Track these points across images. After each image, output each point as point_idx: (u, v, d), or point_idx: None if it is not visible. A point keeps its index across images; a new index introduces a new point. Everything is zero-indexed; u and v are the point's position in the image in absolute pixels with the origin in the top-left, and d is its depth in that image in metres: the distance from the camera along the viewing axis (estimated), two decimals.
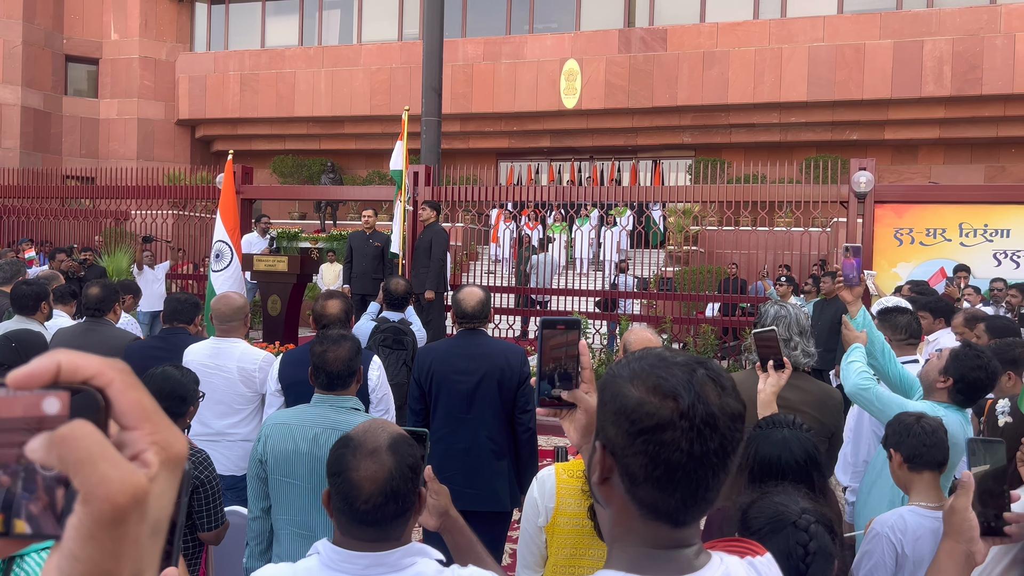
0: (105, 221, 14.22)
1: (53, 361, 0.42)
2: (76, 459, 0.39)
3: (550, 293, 10.74)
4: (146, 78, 21.22)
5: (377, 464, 1.58)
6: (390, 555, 1.58)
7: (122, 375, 0.43)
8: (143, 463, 0.42)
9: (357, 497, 1.56)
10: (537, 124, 18.91)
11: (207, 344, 3.92)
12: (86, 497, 0.39)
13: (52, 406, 0.41)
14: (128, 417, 0.43)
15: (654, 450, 0.96)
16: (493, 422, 3.69)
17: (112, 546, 0.40)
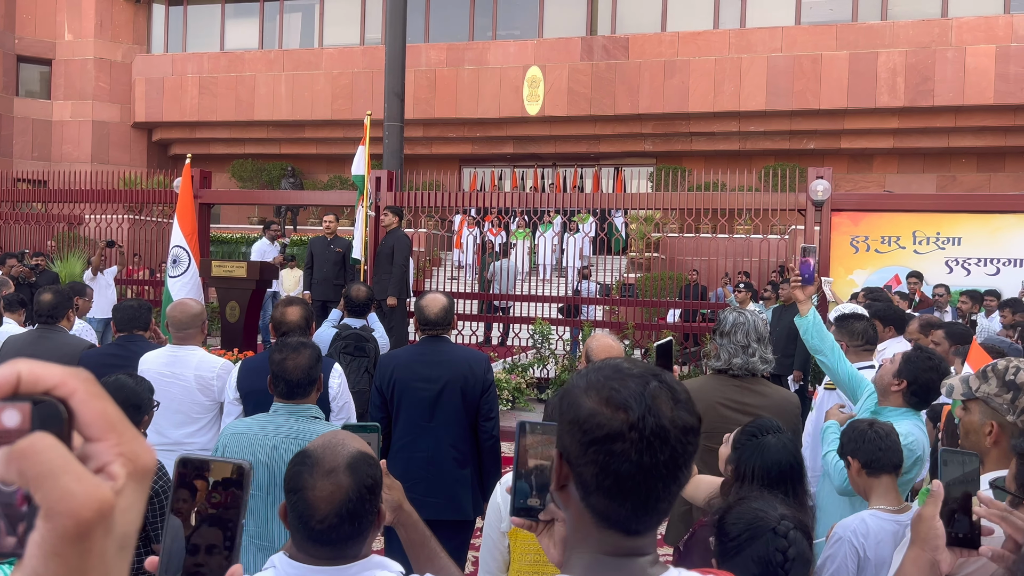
0: (58, 225, 13.88)
1: (12, 371, 0.40)
2: (37, 473, 0.38)
3: (513, 299, 10.75)
4: (101, 80, 20.79)
5: (334, 485, 1.54)
6: (347, 569, 1.56)
7: (86, 384, 0.41)
8: (109, 476, 0.40)
9: (312, 516, 1.53)
10: (500, 130, 18.94)
11: (163, 352, 3.84)
12: (48, 512, 0.38)
13: (11, 418, 0.39)
14: (93, 428, 0.41)
15: (604, 460, 0.97)
16: (456, 430, 3.67)
17: (77, 562, 0.38)
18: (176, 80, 20.47)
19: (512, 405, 8.54)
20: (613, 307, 10.84)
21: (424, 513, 3.53)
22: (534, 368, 9.30)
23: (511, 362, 9.46)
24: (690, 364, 9.54)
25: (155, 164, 20.67)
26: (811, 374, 7.79)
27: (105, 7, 20.82)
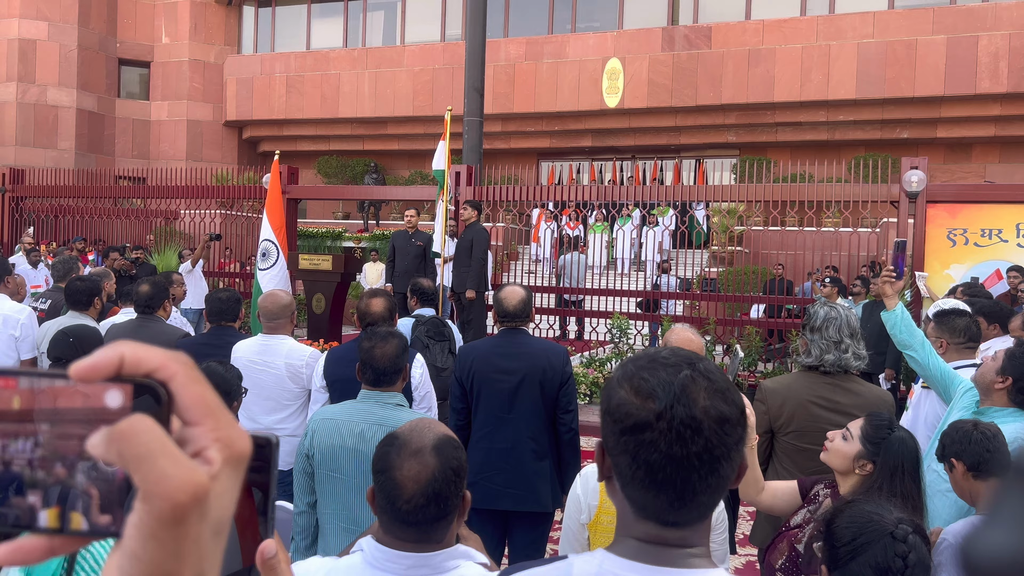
0: (156, 220, 14.55)
1: (116, 353, 0.40)
2: (135, 455, 0.38)
3: (590, 293, 10.69)
4: (195, 80, 21.67)
5: (420, 464, 1.57)
6: (434, 556, 1.57)
7: (185, 368, 0.42)
8: (205, 460, 0.41)
9: (399, 496, 1.56)
10: (579, 124, 18.86)
11: (255, 341, 3.98)
12: (146, 495, 0.38)
13: (114, 399, 0.40)
14: (191, 412, 0.41)
15: (635, 450, 0.97)
16: (535, 422, 3.68)
17: (173, 545, 0.39)
18: (265, 79, 21.15)
19: (589, 400, 8.51)
20: (694, 302, 10.66)
21: (503, 503, 3.60)
22: (612, 363, 9.24)
23: (588, 356, 9.42)
24: (775, 361, 9.30)
25: (245, 161, 21.42)
26: (903, 372, 7.48)
27: (199, 10, 21.67)
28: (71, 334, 2.79)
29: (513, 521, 3.68)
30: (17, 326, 4.68)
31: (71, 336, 2.78)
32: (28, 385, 0.40)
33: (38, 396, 0.40)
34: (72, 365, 0.40)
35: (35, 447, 0.40)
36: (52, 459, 0.40)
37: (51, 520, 0.40)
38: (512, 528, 3.70)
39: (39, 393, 0.40)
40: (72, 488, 0.40)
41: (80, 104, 20.61)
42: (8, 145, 20.20)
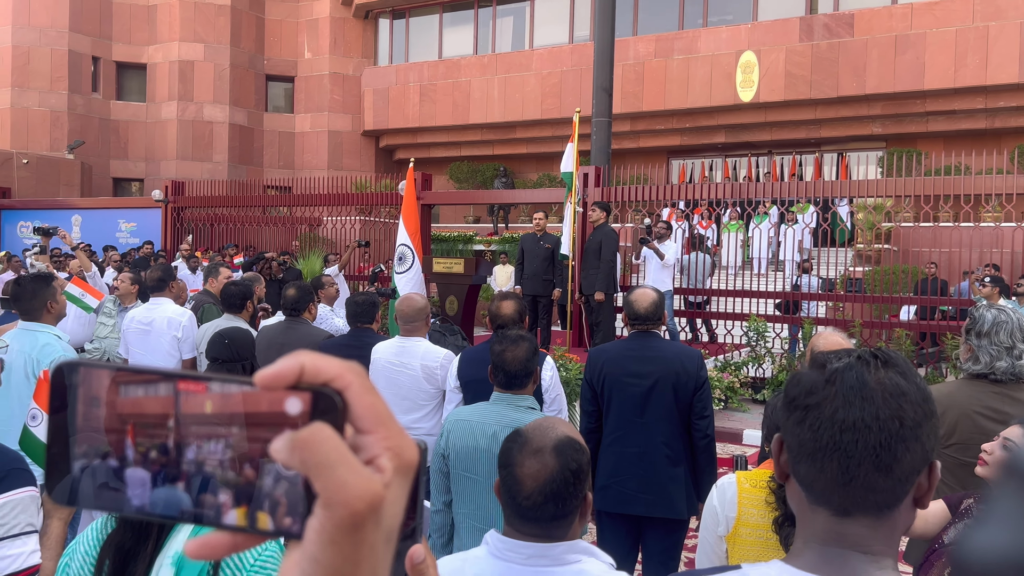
0: (300, 227, 15.36)
1: (297, 363, 0.42)
2: (317, 463, 0.40)
3: (723, 295, 10.37)
4: (335, 93, 22.74)
5: (540, 464, 1.60)
6: (554, 548, 1.59)
7: (360, 379, 0.43)
8: (377, 468, 0.42)
9: (519, 492, 1.59)
10: (711, 120, 18.38)
11: (392, 343, 4.12)
12: (327, 502, 0.40)
13: (294, 406, 0.42)
14: (364, 421, 0.43)
15: (800, 417, 0.95)
16: (667, 427, 3.60)
17: (351, 551, 0.40)
18: (399, 89, 21.90)
19: (724, 405, 8.25)
20: (838, 303, 10.13)
21: (635, 509, 3.54)
22: (748, 367, 8.93)
23: (723, 360, 9.15)
24: (927, 366, 8.69)
25: (382, 169, 22.27)
26: None
27: (338, 25, 22.74)
28: (226, 336, 2.99)
29: (646, 527, 3.62)
30: (179, 328, 5.07)
31: (226, 338, 2.99)
32: (219, 390, 0.43)
33: (228, 401, 0.42)
34: (257, 373, 0.42)
35: (225, 448, 0.42)
36: (241, 460, 0.42)
37: (239, 519, 0.42)
38: (645, 534, 3.64)
39: (229, 398, 0.42)
40: (259, 489, 0.42)
41: (232, 119, 22.09)
42: (170, 159, 21.92)
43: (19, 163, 18.85)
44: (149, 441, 0.43)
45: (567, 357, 6.96)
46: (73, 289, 5.75)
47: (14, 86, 20.85)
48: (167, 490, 0.43)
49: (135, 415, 0.43)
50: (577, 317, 9.83)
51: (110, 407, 0.43)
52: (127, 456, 0.43)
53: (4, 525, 1.74)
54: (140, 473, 0.43)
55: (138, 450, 0.43)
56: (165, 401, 0.43)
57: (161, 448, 0.43)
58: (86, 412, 0.43)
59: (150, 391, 0.43)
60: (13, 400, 3.49)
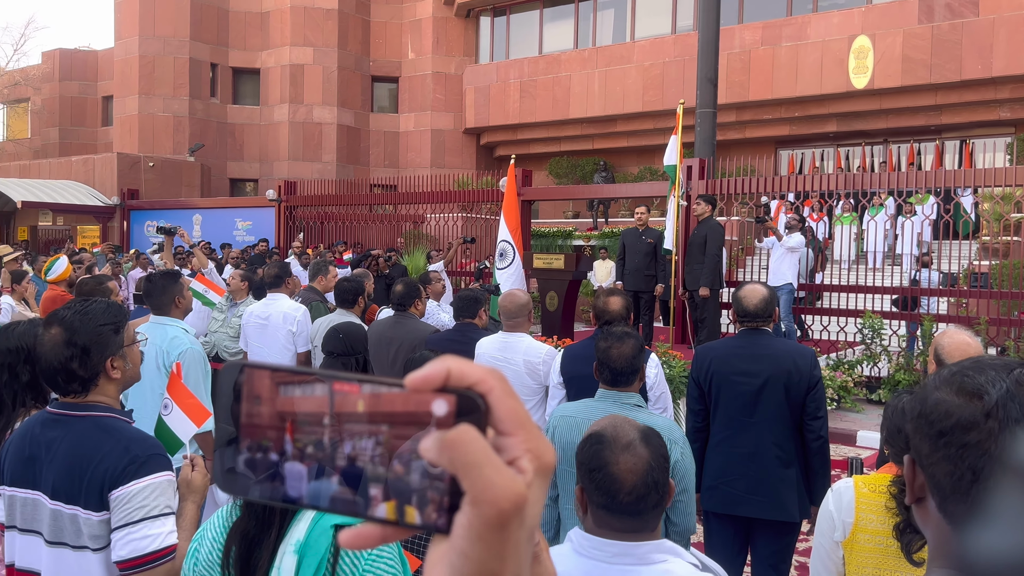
0: (405, 224, 15.74)
1: (443, 367, 0.45)
2: (465, 462, 0.42)
3: (839, 290, 9.97)
4: (438, 92, 23.16)
5: (635, 457, 1.62)
6: (639, 547, 1.59)
7: (501, 384, 0.45)
8: (519, 469, 0.44)
9: (620, 490, 1.60)
10: (822, 108, 17.68)
11: (496, 338, 4.17)
12: (475, 500, 0.42)
13: (441, 408, 0.44)
14: (505, 424, 0.45)
15: (956, 454, 0.87)
16: (779, 427, 3.50)
17: (498, 548, 0.42)
18: (500, 86, 22.07)
19: (837, 405, 7.94)
20: (961, 299, 9.57)
21: (744, 510, 3.46)
22: (862, 365, 8.56)
23: (836, 358, 8.80)
24: None
25: (483, 166, 22.53)
26: None
27: (440, 25, 23.13)
28: (341, 331, 3.11)
29: (756, 529, 3.53)
30: (294, 323, 5.29)
31: (340, 332, 3.10)
32: (371, 391, 0.45)
33: (379, 401, 0.45)
34: (407, 376, 0.45)
35: (376, 446, 0.45)
36: (390, 457, 0.45)
37: (389, 512, 0.45)
38: (755, 536, 3.55)
39: (380, 398, 0.45)
40: (407, 485, 0.45)
41: (340, 120, 22.83)
42: (282, 160, 22.87)
43: (146, 166, 20.11)
44: (306, 437, 0.46)
45: (670, 354, 6.86)
46: (197, 285, 6.07)
47: (141, 93, 22.25)
48: (322, 483, 0.46)
49: (293, 412, 0.46)
50: (680, 313, 9.67)
51: (270, 405, 0.46)
52: (286, 451, 0.46)
53: (145, 507, 1.86)
54: (297, 467, 0.46)
55: (296, 445, 0.46)
56: (321, 400, 0.46)
57: (317, 444, 0.46)
58: (249, 409, 0.47)
59: (307, 391, 0.46)
60: (146, 390, 3.73)
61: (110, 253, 13.12)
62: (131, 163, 19.92)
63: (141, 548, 1.85)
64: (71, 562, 1.92)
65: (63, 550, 1.92)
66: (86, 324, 1.98)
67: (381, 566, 1.58)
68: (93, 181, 19.88)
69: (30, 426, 2.02)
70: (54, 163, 21.48)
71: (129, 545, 1.85)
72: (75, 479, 1.89)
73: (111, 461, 1.88)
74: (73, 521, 1.90)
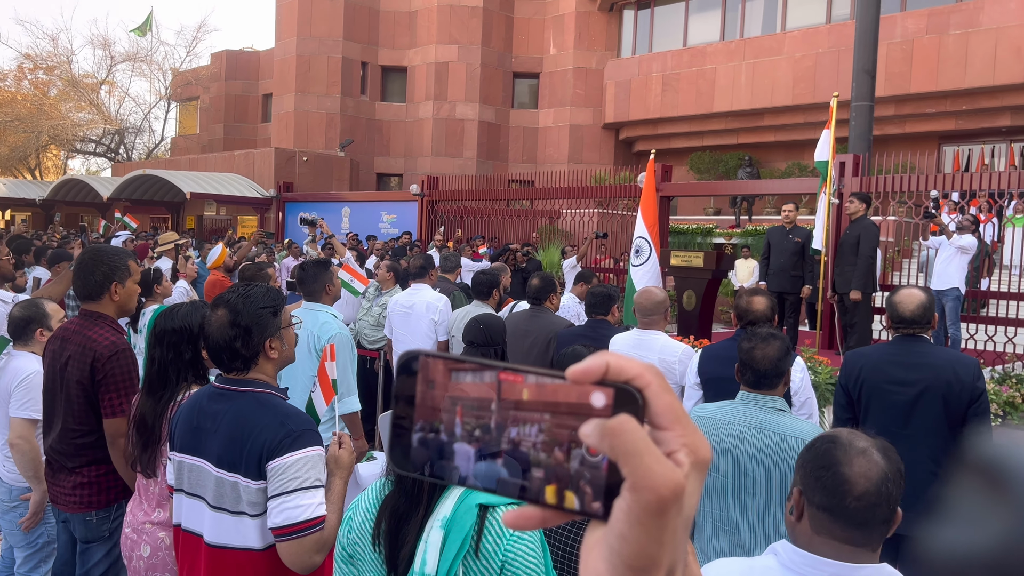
0: (540, 219, 15.85)
1: (603, 361, 0.46)
2: (625, 450, 0.43)
3: (1009, 298, 9.18)
4: (578, 87, 23.15)
5: (870, 462, 1.51)
6: (859, 570, 1.48)
7: (658, 379, 0.47)
8: (676, 462, 0.45)
9: (848, 493, 1.50)
10: (993, 100, 16.30)
11: (630, 335, 4.13)
12: (634, 486, 0.43)
13: (599, 400, 0.46)
14: (662, 418, 0.46)
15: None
16: (935, 441, 3.27)
17: (657, 533, 0.43)
18: (641, 80, 21.78)
19: (1001, 421, 7.31)
20: None
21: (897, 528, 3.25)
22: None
23: (1002, 371, 8.11)
24: None
25: (620, 161, 22.33)
26: None
27: (583, 19, 23.10)
28: (481, 321, 3.17)
29: (906, 547, 3.32)
30: (436, 312, 5.46)
31: (481, 323, 3.17)
32: (534, 381, 0.48)
33: (542, 391, 0.47)
34: (569, 369, 0.46)
35: (539, 432, 0.47)
36: (552, 444, 0.47)
37: (550, 496, 0.47)
38: (903, 557, 3.33)
39: (543, 388, 0.47)
40: (567, 470, 0.46)
41: (481, 116, 23.28)
42: (426, 155, 23.60)
43: (300, 161, 21.29)
44: (475, 421, 0.49)
45: (816, 360, 6.55)
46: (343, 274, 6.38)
47: (297, 91, 23.57)
48: (488, 464, 0.48)
49: (464, 398, 0.49)
50: (828, 317, 9.21)
51: (443, 389, 0.50)
52: (455, 432, 0.49)
53: (298, 478, 1.98)
54: (466, 448, 0.49)
55: (465, 428, 0.49)
56: (489, 387, 0.48)
57: (484, 428, 0.48)
58: (424, 393, 0.50)
59: (477, 378, 0.49)
60: (297, 371, 3.95)
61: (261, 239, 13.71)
62: (287, 158, 21.16)
63: (294, 516, 1.97)
64: (229, 526, 2.07)
65: (223, 515, 2.07)
66: (248, 306, 2.12)
67: (522, 548, 1.61)
68: (253, 174, 21.26)
69: (198, 399, 2.19)
70: (219, 157, 23.14)
71: (284, 513, 1.97)
72: (237, 449, 2.03)
73: (269, 434, 2.01)
74: (234, 488, 2.05)
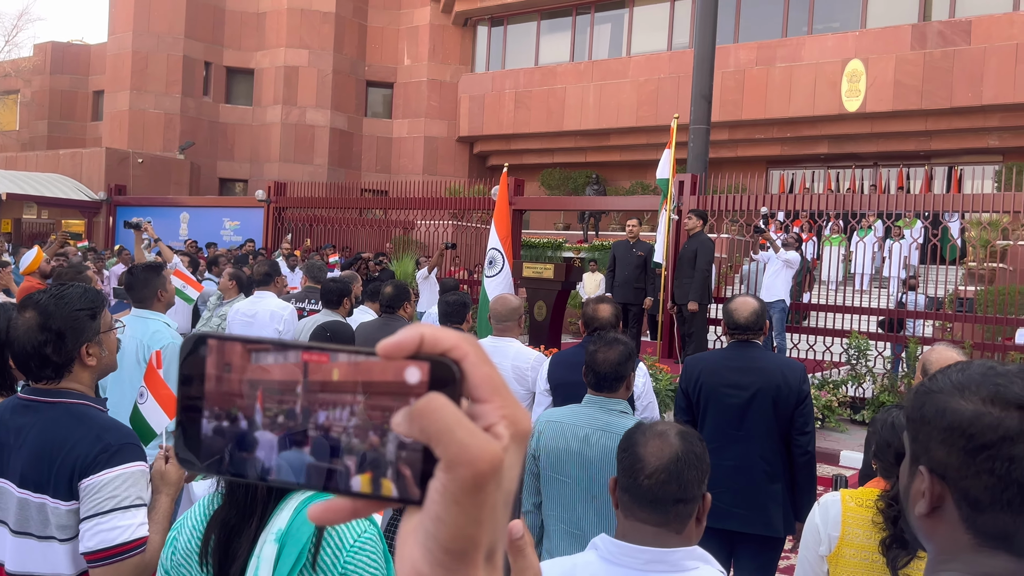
0: (394, 229, 15.68)
1: (417, 333, 0.43)
2: (436, 429, 0.41)
3: (826, 310, 9.99)
4: (432, 99, 23.16)
5: (663, 442, 1.61)
6: (672, 553, 1.54)
7: (476, 349, 0.44)
8: (495, 435, 0.43)
9: (641, 471, 1.57)
10: (814, 129, 17.80)
11: (485, 343, 4.12)
12: (449, 464, 0.41)
13: (413, 375, 0.43)
14: (480, 390, 0.44)
15: (1003, 468, 0.86)
16: (766, 441, 3.47)
17: (474, 511, 0.42)
18: (495, 96, 22.10)
19: (822, 424, 7.93)
20: (945, 323, 9.62)
21: (729, 523, 3.42)
22: (847, 386, 8.56)
23: (822, 378, 8.80)
24: None
25: (475, 174, 22.51)
26: None
27: (437, 32, 23.17)
28: (328, 329, 3.06)
29: (740, 543, 3.50)
30: (281, 321, 5.23)
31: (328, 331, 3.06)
32: (345, 359, 0.43)
33: (353, 370, 0.43)
34: (379, 343, 0.43)
35: (350, 416, 0.43)
36: (366, 428, 0.43)
37: (364, 485, 0.43)
38: (739, 550, 3.51)
39: (354, 367, 0.43)
40: (382, 456, 0.43)
41: (333, 123, 22.78)
42: (273, 161, 22.79)
43: (134, 162, 19.97)
44: (277, 407, 0.44)
45: (657, 367, 6.84)
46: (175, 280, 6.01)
47: (133, 89, 22.12)
48: (293, 454, 0.44)
49: (265, 381, 0.44)
50: (668, 327, 9.66)
51: (240, 373, 0.44)
52: (256, 420, 0.44)
53: (116, 497, 1.80)
54: (268, 436, 0.44)
55: (267, 415, 0.44)
56: (293, 368, 0.44)
57: (288, 413, 0.44)
58: (218, 378, 0.44)
59: (279, 359, 0.44)
60: (124, 382, 3.65)
61: (66, 242, 11.97)
62: (119, 159, 19.78)
63: (110, 539, 1.78)
64: (36, 553, 1.85)
65: (28, 540, 1.85)
66: (61, 308, 1.92)
67: (363, 560, 1.52)
68: (80, 176, 19.72)
69: (0, 412, 1.95)
70: (41, 156, 21.29)
71: (97, 536, 1.78)
72: (44, 467, 1.82)
73: (82, 449, 1.82)
74: (40, 510, 1.83)
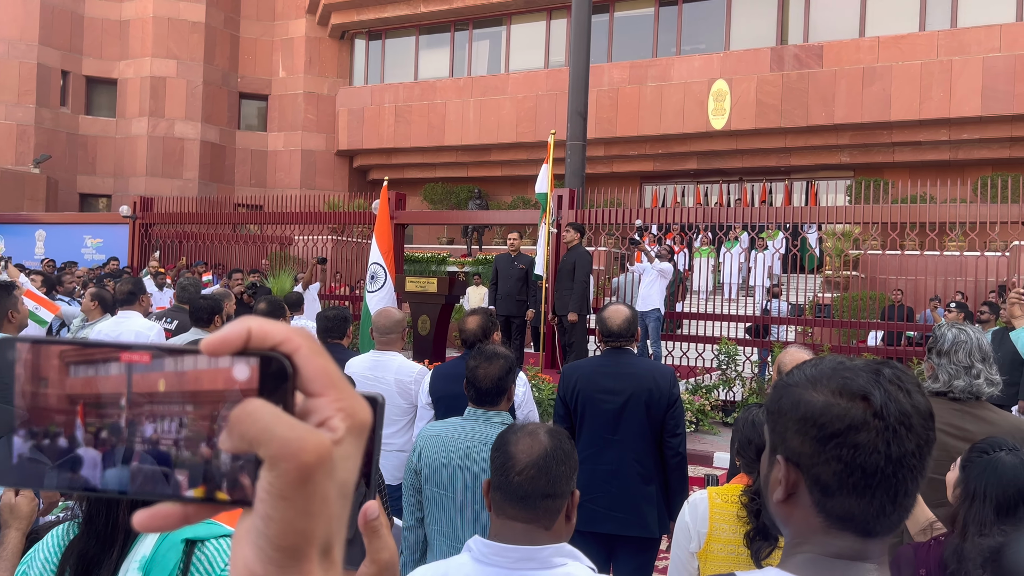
0: (271, 245, 15.22)
1: (244, 327, 0.41)
2: (255, 432, 0.40)
3: (698, 318, 10.45)
4: (309, 112, 22.68)
5: (533, 440, 1.66)
6: (541, 551, 1.58)
7: (308, 342, 0.43)
8: (330, 429, 0.42)
9: (512, 468, 1.62)
10: (683, 146, 18.62)
11: (367, 357, 4.08)
12: (271, 462, 0.40)
13: (242, 372, 0.41)
14: (314, 384, 0.42)
15: (849, 455, 0.93)
16: (640, 444, 3.60)
17: (304, 504, 0.40)
18: (375, 110, 21.90)
19: (696, 427, 8.28)
20: (806, 328, 10.26)
21: (607, 526, 3.52)
22: (719, 390, 8.98)
23: (695, 383, 9.19)
24: None
25: (355, 188, 22.19)
26: None
27: (313, 45, 22.74)
28: None
29: (618, 545, 3.60)
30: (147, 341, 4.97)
31: None
32: (170, 360, 0.41)
33: (182, 379, 0.41)
34: (203, 340, 0.41)
35: (180, 427, 0.41)
36: (197, 439, 0.41)
37: (197, 492, 0.42)
38: (617, 552, 3.62)
39: (183, 376, 0.41)
40: (215, 467, 0.41)
41: (204, 136, 21.91)
42: (139, 175, 21.66)
43: None
44: (100, 421, 0.41)
45: (540, 377, 6.95)
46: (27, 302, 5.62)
47: None
48: (119, 471, 0.41)
49: (85, 394, 0.42)
50: (550, 338, 9.83)
51: (58, 386, 0.42)
52: (76, 436, 0.42)
53: None
54: (91, 453, 0.41)
55: (88, 430, 0.42)
56: (117, 380, 0.41)
57: (112, 428, 0.41)
58: (33, 391, 0.42)
59: (101, 369, 0.42)
60: None
61: None
62: None
63: None
64: None
65: None
66: None
67: None
68: None
69: None
70: None
71: None
72: None
73: None
74: None
